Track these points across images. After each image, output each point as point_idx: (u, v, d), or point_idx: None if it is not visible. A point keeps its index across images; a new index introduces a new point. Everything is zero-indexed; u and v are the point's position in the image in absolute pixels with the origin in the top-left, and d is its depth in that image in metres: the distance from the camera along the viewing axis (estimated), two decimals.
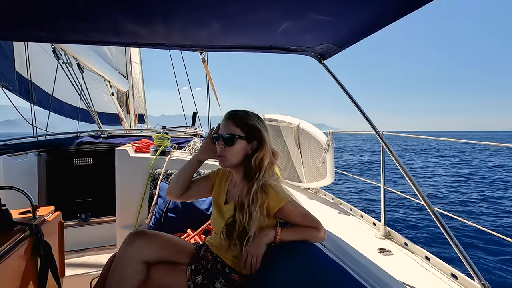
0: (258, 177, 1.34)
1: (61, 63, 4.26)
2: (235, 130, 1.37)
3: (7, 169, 2.63)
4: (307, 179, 3.43)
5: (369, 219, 2.64)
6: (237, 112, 1.43)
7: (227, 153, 1.38)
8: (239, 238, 1.33)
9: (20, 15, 1.35)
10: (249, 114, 1.42)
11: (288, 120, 3.60)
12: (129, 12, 1.32)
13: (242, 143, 1.38)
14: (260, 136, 1.39)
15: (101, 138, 3.63)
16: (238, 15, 1.33)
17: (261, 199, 1.31)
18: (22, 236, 1.35)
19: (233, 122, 1.39)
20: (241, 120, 1.39)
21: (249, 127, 1.38)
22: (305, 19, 1.32)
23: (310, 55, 1.87)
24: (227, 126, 1.39)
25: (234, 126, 1.38)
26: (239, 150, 1.38)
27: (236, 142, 1.37)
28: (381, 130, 1.92)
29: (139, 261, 1.30)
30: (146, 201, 2.58)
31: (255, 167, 1.36)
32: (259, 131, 1.39)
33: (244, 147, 1.39)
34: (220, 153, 1.40)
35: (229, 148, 1.37)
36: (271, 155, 1.40)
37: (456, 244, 1.43)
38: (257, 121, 1.41)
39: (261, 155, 1.36)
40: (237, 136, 1.36)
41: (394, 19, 1.30)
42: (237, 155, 1.39)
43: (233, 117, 1.40)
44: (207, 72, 2.91)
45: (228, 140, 1.37)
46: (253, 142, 1.39)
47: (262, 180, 1.33)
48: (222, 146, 1.39)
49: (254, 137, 1.39)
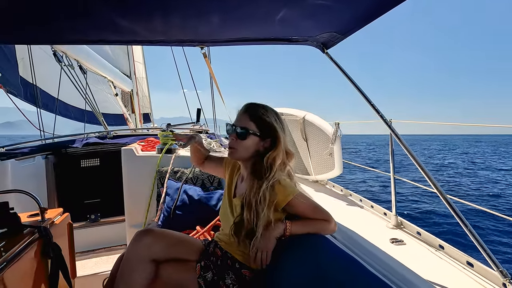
0: (268, 177, 1.29)
1: (62, 66, 4.27)
2: (250, 124, 1.33)
3: (15, 173, 2.65)
4: (315, 171, 3.40)
5: (380, 209, 2.60)
6: (255, 105, 1.37)
7: (238, 146, 1.35)
8: (248, 236, 1.30)
9: (18, 17, 1.34)
10: (267, 110, 1.36)
11: (294, 112, 3.56)
12: (127, 9, 1.31)
13: (254, 139, 1.34)
14: (275, 135, 1.34)
15: (107, 138, 3.64)
16: (238, 7, 1.30)
17: (270, 197, 1.27)
18: (31, 238, 1.35)
19: (249, 116, 1.34)
20: (257, 115, 1.34)
21: (265, 124, 1.34)
22: (305, 5, 1.28)
23: (313, 44, 1.84)
24: (242, 119, 1.35)
25: (249, 120, 1.34)
26: (251, 146, 1.34)
27: (248, 137, 1.33)
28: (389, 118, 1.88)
29: (147, 259, 1.30)
30: (154, 199, 2.58)
31: (266, 166, 1.31)
32: (275, 129, 1.34)
33: (256, 143, 1.35)
34: (231, 145, 1.36)
35: (241, 141, 1.34)
36: (284, 156, 1.35)
37: (471, 231, 1.39)
38: (274, 119, 1.35)
39: (274, 155, 1.31)
40: (250, 131, 1.32)
41: (395, 3, 1.26)
42: (248, 150, 1.35)
43: (251, 110, 1.35)
44: (209, 68, 2.89)
45: (241, 134, 1.33)
46: (267, 139, 1.35)
47: (272, 180, 1.29)
48: (234, 138, 1.35)
49: (268, 134, 1.34)
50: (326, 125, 3.21)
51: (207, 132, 4.07)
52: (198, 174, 2.49)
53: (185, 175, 2.47)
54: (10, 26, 1.46)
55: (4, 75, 4.47)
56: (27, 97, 5.05)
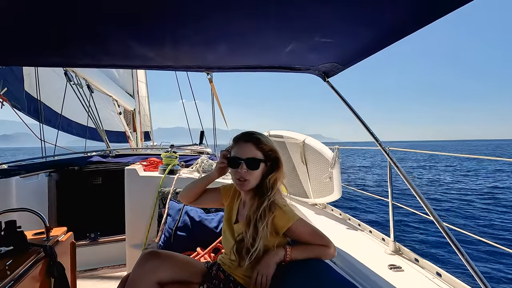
0: (269, 195, 1.34)
1: (71, 84, 4.37)
2: (257, 153, 1.36)
3: (19, 190, 2.67)
4: (314, 195, 3.42)
5: (378, 235, 2.62)
6: (253, 134, 1.42)
7: (250, 177, 1.36)
8: (248, 254, 1.33)
9: (33, 41, 1.40)
10: (264, 136, 1.42)
11: (294, 136, 3.62)
12: (139, 36, 1.37)
13: (262, 166, 1.38)
14: (277, 157, 1.40)
15: (109, 157, 3.68)
16: (244, 37, 1.36)
17: (269, 216, 1.31)
18: (37, 257, 1.37)
19: (254, 146, 1.37)
20: (259, 143, 1.38)
21: (268, 149, 1.39)
22: (311, 41, 1.36)
23: (315, 73, 1.91)
24: (247, 149, 1.36)
25: (255, 150, 1.36)
26: (260, 173, 1.38)
27: (259, 166, 1.36)
28: (387, 146, 1.93)
29: (153, 282, 1.31)
30: (155, 219, 2.59)
31: (268, 186, 1.36)
32: (276, 152, 1.40)
33: (263, 170, 1.39)
34: (244, 177, 1.36)
35: (253, 172, 1.36)
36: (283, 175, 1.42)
37: (467, 259, 1.42)
38: (272, 143, 1.41)
39: (275, 176, 1.38)
40: (258, 160, 1.36)
41: (397, 38, 1.34)
42: (258, 178, 1.39)
43: (253, 139, 1.38)
44: (214, 91, 2.97)
45: (253, 164, 1.35)
46: (269, 163, 1.40)
47: (272, 198, 1.35)
48: (246, 170, 1.35)
49: (271, 158, 1.40)
50: (326, 149, 3.26)
51: (208, 153, 4.12)
52: None
53: None
54: (25, 49, 1.52)
55: (9, 89, 4.57)
56: (31, 111, 5.14)
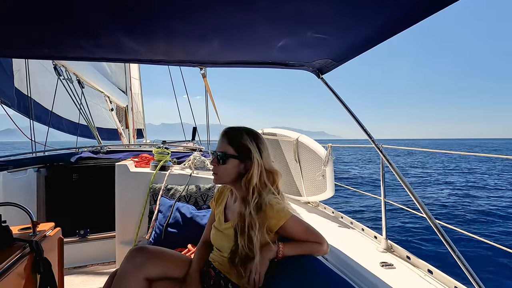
0: (249, 200, 1.32)
1: (61, 79, 4.29)
2: (228, 148, 1.38)
3: (6, 185, 2.62)
4: (307, 193, 3.42)
5: (370, 233, 2.62)
6: (233, 129, 1.43)
7: (219, 171, 1.39)
8: (242, 263, 1.30)
9: (24, 32, 1.37)
10: (242, 132, 1.40)
11: (287, 134, 3.61)
12: (132, 29, 1.34)
13: (234, 162, 1.37)
14: (250, 157, 1.37)
15: (100, 153, 3.63)
16: (238, 32, 1.35)
17: (261, 220, 1.28)
18: (22, 253, 1.34)
19: (226, 140, 1.40)
20: (233, 138, 1.39)
21: (241, 147, 1.37)
22: (304, 36, 1.35)
23: (309, 70, 1.90)
24: (221, 144, 1.41)
25: (227, 144, 1.39)
26: (231, 169, 1.38)
27: (228, 161, 1.37)
28: (381, 143, 1.93)
29: (141, 277, 1.29)
30: (146, 216, 2.56)
31: (245, 188, 1.35)
32: (249, 151, 1.37)
33: (236, 166, 1.38)
34: (213, 170, 1.42)
35: (221, 166, 1.38)
36: (264, 176, 1.37)
37: (459, 256, 1.42)
38: (249, 141, 1.38)
39: (249, 176, 1.34)
40: (228, 155, 1.37)
41: (392, 34, 1.33)
42: (230, 173, 1.39)
43: (228, 134, 1.41)
44: (207, 87, 2.94)
45: (220, 158, 1.38)
46: (247, 161, 1.38)
47: (253, 202, 1.31)
48: (215, 163, 1.40)
49: (246, 156, 1.37)
50: (319, 147, 3.26)
51: (200, 150, 4.09)
52: (191, 192, 2.49)
53: (179, 192, 2.47)
54: (13, 41, 1.49)
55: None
56: (20, 108, 5.05)
